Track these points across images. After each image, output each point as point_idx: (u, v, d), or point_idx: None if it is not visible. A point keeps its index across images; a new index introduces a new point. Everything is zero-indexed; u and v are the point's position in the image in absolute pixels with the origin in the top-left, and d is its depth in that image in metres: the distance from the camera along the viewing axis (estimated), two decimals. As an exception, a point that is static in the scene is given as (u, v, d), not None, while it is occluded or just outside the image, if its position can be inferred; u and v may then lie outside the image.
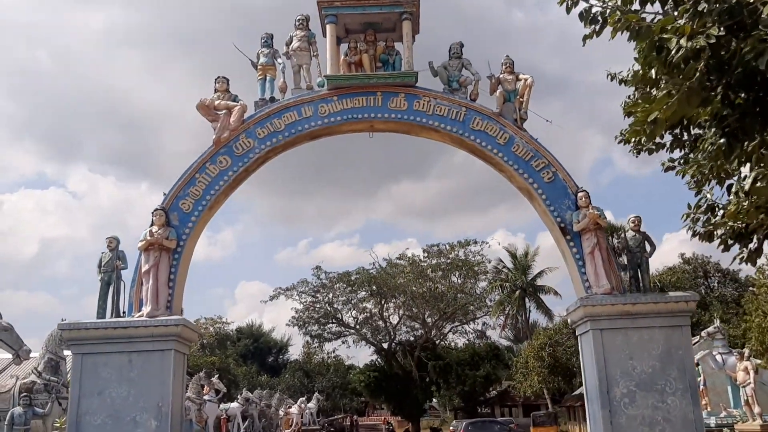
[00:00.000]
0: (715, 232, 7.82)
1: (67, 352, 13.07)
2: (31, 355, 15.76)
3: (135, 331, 8.94)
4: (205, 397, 35.30)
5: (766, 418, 21.78)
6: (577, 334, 10.00)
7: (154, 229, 9.38)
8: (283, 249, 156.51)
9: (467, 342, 59.51)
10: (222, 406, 44.99)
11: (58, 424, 14.71)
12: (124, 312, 9.40)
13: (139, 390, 8.82)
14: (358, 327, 58.92)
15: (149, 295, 9.17)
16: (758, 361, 22.26)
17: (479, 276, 55.61)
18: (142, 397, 8.81)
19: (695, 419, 9.00)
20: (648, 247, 9.99)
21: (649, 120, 6.45)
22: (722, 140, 6.63)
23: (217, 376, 39.72)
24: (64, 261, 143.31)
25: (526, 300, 59.22)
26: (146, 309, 9.11)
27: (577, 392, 42.46)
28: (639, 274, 9.80)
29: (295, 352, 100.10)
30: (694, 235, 8.39)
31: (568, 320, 10.21)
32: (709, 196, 7.86)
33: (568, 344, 43.45)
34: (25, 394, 15.34)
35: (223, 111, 10.38)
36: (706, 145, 7.18)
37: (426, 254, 56.09)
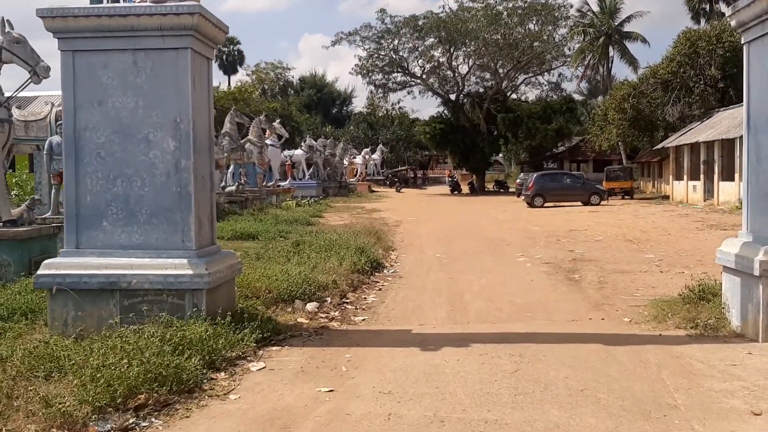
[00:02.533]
0: None
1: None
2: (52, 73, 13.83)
3: (137, 21, 6.59)
4: (267, 141, 34.32)
5: None
6: (744, 41, 7.23)
7: None
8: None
9: (540, 95, 56.33)
10: (286, 152, 44.59)
11: None
12: (124, -3, 7.04)
13: (149, 101, 6.68)
14: (424, 77, 56.07)
15: (153, -27, 6.70)
16: None
17: (559, 22, 50.76)
18: (154, 111, 6.69)
19: None
20: None
21: None
22: None
23: (279, 121, 38.43)
24: None
25: (610, 48, 54.57)
26: (150, -8, 6.68)
27: (658, 146, 39.84)
28: None
29: (359, 104, 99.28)
30: None
31: (732, 22, 7.35)
32: None
33: (653, 96, 39.97)
34: (62, 121, 13.74)
35: None
36: None
37: (502, -5, 50.95)
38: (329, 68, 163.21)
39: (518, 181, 45.89)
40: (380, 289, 10.46)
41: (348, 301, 9.32)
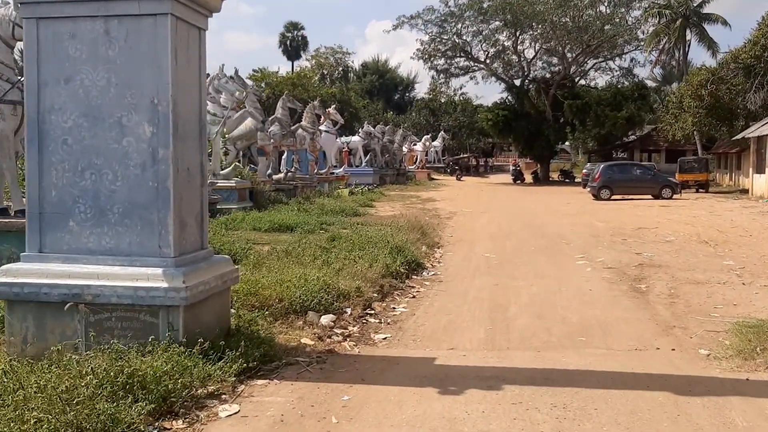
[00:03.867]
0: None
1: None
2: None
3: (108, -18, 5.52)
4: (321, 127, 33.28)
5: None
6: None
7: None
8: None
9: (610, 80, 53.69)
10: (343, 138, 43.57)
11: None
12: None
13: (123, 78, 5.58)
14: (488, 62, 54.18)
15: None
16: None
17: (633, 3, 48.08)
18: (128, 90, 5.60)
19: None
20: None
21: None
22: None
23: (335, 106, 37.38)
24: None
25: (687, 31, 51.40)
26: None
27: (738, 136, 37.07)
28: None
29: (421, 90, 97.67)
30: None
31: None
32: None
33: (733, 82, 37.18)
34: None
35: None
36: None
37: (572, -24, 48.52)
38: (395, 54, 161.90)
39: (584, 171, 43.73)
40: (414, 297, 9.20)
41: (372, 312, 8.10)
